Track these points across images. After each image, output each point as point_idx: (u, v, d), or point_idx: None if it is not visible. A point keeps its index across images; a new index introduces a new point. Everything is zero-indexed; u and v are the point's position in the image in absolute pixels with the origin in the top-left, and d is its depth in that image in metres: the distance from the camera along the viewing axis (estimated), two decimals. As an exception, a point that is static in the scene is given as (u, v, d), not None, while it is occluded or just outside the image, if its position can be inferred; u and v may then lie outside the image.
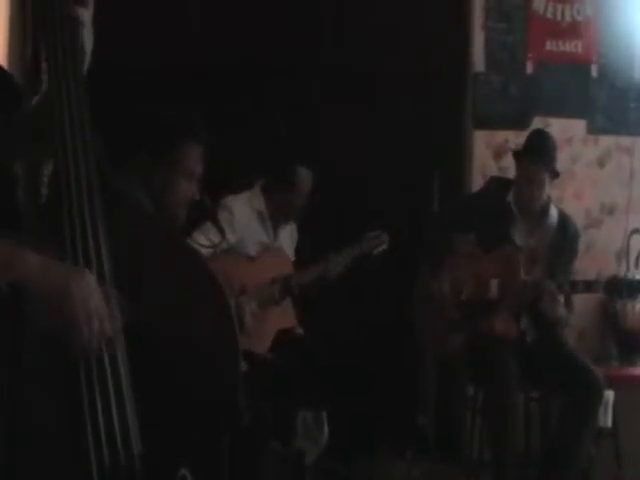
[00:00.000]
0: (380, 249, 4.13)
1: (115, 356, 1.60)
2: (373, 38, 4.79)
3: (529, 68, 4.92)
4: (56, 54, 1.69)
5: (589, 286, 3.83)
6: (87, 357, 1.56)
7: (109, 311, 1.56)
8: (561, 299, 3.77)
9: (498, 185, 4.15)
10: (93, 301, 1.54)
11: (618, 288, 3.79)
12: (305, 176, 3.96)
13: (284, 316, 3.92)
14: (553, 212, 4.03)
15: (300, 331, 3.99)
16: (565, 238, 4.01)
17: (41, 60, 1.72)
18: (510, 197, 4.00)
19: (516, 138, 4.64)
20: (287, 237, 4.14)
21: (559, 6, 4.93)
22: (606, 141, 4.96)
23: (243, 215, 3.92)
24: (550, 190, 4.03)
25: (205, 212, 3.04)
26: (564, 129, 4.89)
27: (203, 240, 3.40)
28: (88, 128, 1.67)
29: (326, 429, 3.94)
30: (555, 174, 3.94)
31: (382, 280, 4.42)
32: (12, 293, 1.54)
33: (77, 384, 1.57)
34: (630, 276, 3.92)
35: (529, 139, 4.04)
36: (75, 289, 1.53)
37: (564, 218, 4.06)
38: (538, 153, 3.90)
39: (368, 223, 4.29)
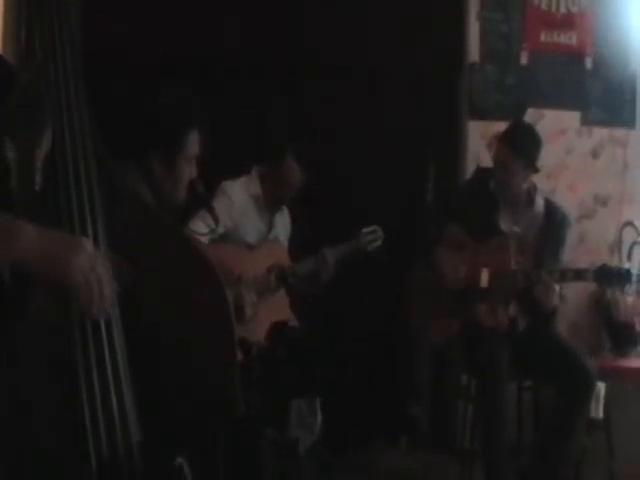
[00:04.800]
0: (375, 245, 4.14)
1: (111, 327, 1.59)
2: (372, 34, 4.76)
3: (524, 59, 4.92)
4: (51, 32, 1.64)
5: (579, 274, 3.83)
6: (85, 322, 1.56)
7: (107, 277, 1.56)
8: (556, 288, 3.78)
9: (482, 174, 4.18)
10: (92, 267, 1.53)
11: (607, 276, 3.80)
12: (295, 161, 3.99)
13: (279, 307, 3.92)
14: (539, 201, 4.04)
15: (294, 323, 3.99)
16: (552, 225, 4.02)
17: (35, 40, 1.67)
18: (492, 185, 4.02)
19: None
20: (282, 226, 4.15)
21: (554, -3, 4.93)
22: (600, 133, 4.96)
23: (240, 200, 3.93)
24: (541, 181, 4.02)
25: (200, 200, 3.04)
26: (558, 120, 4.89)
27: (198, 228, 3.41)
28: (85, 110, 1.65)
29: (320, 417, 3.94)
30: (533, 168, 3.93)
31: (376, 271, 4.42)
32: (11, 286, 1.53)
33: (75, 372, 1.56)
34: (620, 265, 3.93)
35: (509, 126, 4.06)
36: (73, 256, 1.52)
37: (551, 206, 4.07)
38: (512, 141, 3.92)
39: (364, 215, 4.28)
